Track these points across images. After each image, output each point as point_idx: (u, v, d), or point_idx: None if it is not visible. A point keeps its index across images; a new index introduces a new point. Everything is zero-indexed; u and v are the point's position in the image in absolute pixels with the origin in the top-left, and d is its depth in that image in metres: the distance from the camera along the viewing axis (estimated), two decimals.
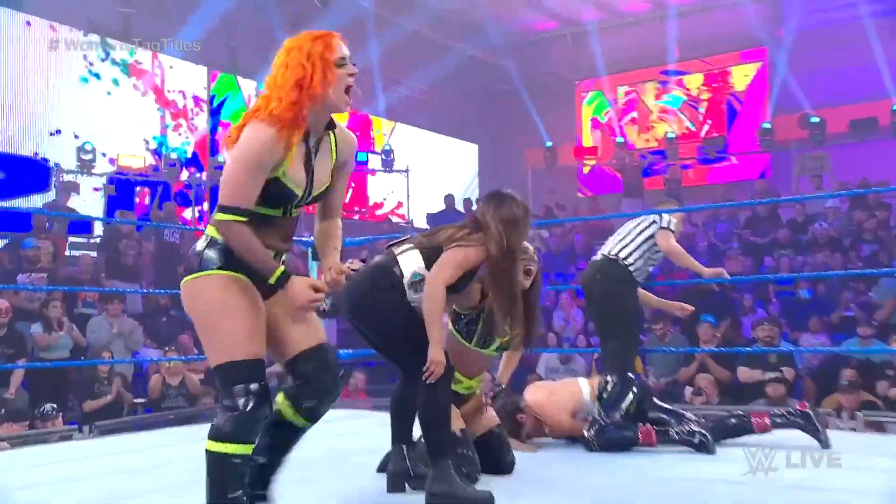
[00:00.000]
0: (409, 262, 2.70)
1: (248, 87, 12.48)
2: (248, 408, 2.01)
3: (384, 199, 13.90)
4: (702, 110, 14.11)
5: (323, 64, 2.05)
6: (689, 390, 6.22)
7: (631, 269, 4.05)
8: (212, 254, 2.07)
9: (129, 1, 10.63)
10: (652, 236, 4.13)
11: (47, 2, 9.52)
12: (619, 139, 13.80)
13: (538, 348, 7.67)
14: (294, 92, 2.04)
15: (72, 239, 9.37)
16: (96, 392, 6.23)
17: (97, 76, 10.45)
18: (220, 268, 2.06)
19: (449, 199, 11.96)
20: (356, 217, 13.53)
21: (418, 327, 2.61)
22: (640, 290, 4.19)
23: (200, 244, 2.10)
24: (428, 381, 2.56)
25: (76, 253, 9.05)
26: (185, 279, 2.09)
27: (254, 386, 2.02)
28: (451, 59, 13.18)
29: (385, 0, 12.21)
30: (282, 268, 2.04)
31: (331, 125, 2.18)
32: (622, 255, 4.09)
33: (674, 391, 6.36)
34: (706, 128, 14.04)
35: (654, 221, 4.18)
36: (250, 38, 11.96)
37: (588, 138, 14.92)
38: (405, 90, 14.18)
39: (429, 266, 2.67)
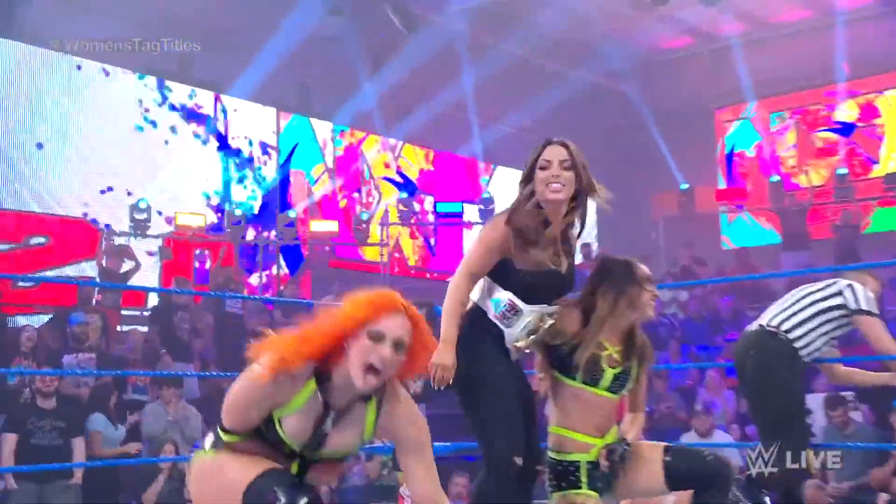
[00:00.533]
0: (476, 289, 2.77)
1: (323, 129, 12.80)
2: (301, 502, 2.11)
3: None
4: (882, 135, 13.57)
5: (354, 326, 2.18)
6: (882, 498, 5.82)
7: (797, 345, 3.90)
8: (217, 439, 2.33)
9: (188, 37, 11.13)
10: (835, 312, 3.95)
11: (100, 42, 10.08)
12: (775, 177, 13.43)
13: (673, 441, 7.41)
14: (314, 343, 2.21)
15: (125, 312, 9.70)
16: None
17: (153, 124, 10.95)
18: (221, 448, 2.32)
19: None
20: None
21: (499, 381, 2.64)
22: (840, 366, 4.10)
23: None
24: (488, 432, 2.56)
25: (128, 328, 9.35)
26: (195, 454, 2.38)
27: (292, 480, 2.16)
28: (562, 88, 13.19)
29: (483, 21, 12.38)
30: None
31: (380, 393, 2.29)
32: (788, 328, 3.93)
33: (861, 499, 5.98)
34: (890, 160, 13.47)
35: (840, 292, 3.96)
36: (325, 73, 12.32)
37: (733, 178, 14.66)
38: (507, 127, 14.27)
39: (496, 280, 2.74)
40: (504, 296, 2.72)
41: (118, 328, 9.27)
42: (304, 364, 2.20)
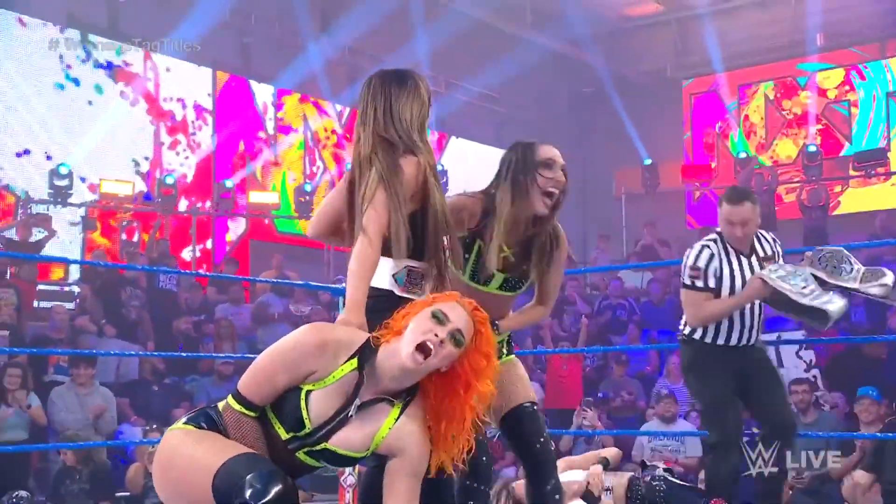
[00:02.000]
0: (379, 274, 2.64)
1: (263, 93, 12.56)
2: (273, 492, 2.05)
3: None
4: (855, 112, 13.69)
5: (421, 306, 2.27)
6: (846, 486, 5.90)
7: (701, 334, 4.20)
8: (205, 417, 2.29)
9: None
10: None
11: None
12: (741, 153, 13.44)
13: (631, 430, 7.40)
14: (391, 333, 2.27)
15: (41, 287, 9.44)
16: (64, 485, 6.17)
17: (76, 81, 10.63)
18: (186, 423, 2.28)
19: None
20: None
21: None
22: None
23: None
24: None
25: (46, 304, 9.11)
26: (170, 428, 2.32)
27: (272, 477, 2.08)
28: (522, 54, 13.07)
29: None
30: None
31: (406, 397, 2.30)
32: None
33: (823, 490, 6.04)
34: (863, 136, 13.60)
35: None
36: (268, 31, 12.07)
37: (699, 154, 14.72)
38: (463, 95, 14.17)
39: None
40: (400, 265, 2.60)
41: (35, 304, 9.04)
42: (355, 338, 2.26)
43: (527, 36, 13.37)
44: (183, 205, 11.47)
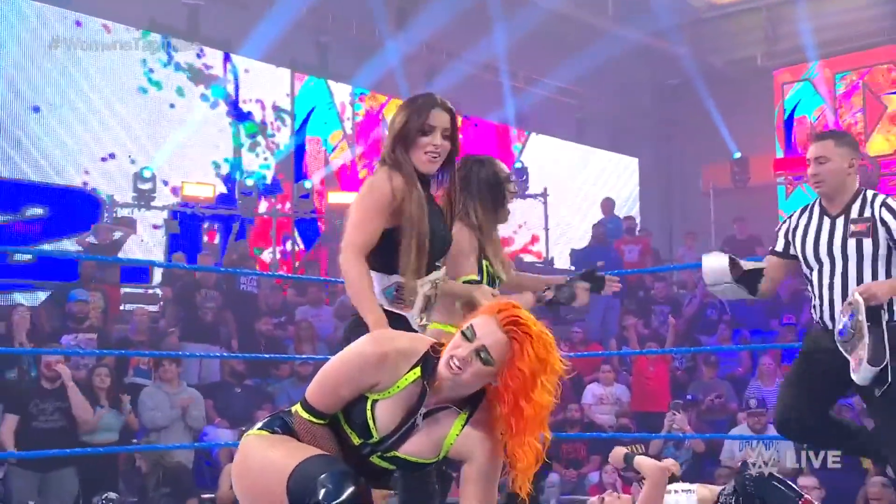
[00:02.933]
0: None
1: (341, 92, 12.75)
2: (346, 493, 2.09)
3: (515, 233, 13.84)
4: None
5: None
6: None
7: None
8: (279, 424, 2.35)
9: None
10: None
11: None
12: None
13: (721, 434, 7.31)
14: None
15: (125, 290, 9.76)
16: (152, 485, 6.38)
17: (158, 85, 10.96)
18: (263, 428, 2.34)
19: (600, 229, 11.73)
20: None
21: None
22: None
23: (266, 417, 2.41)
24: None
25: (131, 307, 9.40)
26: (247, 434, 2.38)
27: (345, 477, 2.12)
28: (604, 48, 13.01)
29: None
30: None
31: (472, 405, 2.33)
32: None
33: None
34: None
35: None
36: (344, 31, 12.25)
37: (792, 146, 14.52)
38: (542, 90, 14.16)
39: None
40: (391, 280, 2.76)
41: (122, 307, 9.34)
42: (417, 347, 2.30)
43: (608, 28, 13.30)
44: (263, 206, 11.69)
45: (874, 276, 3.43)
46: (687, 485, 4.00)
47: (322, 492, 2.08)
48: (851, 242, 3.48)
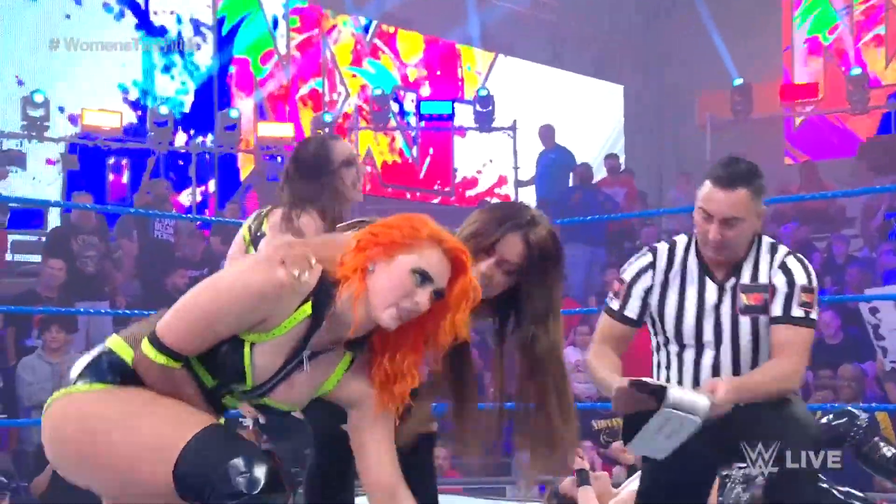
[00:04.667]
0: None
1: (273, 5, 12.55)
2: (261, 485, 2.08)
3: (479, 172, 13.80)
4: None
5: (395, 248, 2.20)
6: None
7: None
8: (102, 366, 2.22)
9: None
10: None
11: None
12: (856, 70, 13.20)
13: None
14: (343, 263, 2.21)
15: (15, 237, 9.60)
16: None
17: None
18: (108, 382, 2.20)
19: (582, 169, 11.62)
20: (437, 200, 13.38)
21: None
22: None
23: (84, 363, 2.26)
24: None
25: (23, 257, 9.24)
26: (48, 400, 2.24)
27: (255, 458, 2.10)
28: None
29: None
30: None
31: (358, 346, 2.31)
32: None
33: None
34: None
35: None
36: None
37: (802, 71, 14.56)
38: (512, 4, 14.05)
39: None
40: None
41: (8, 257, 9.31)
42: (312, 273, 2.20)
43: None
44: (180, 139, 11.54)
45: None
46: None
47: (240, 480, 2.07)
48: (744, 321, 3.00)
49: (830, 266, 9.66)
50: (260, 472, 2.07)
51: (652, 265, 3.08)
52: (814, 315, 2.98)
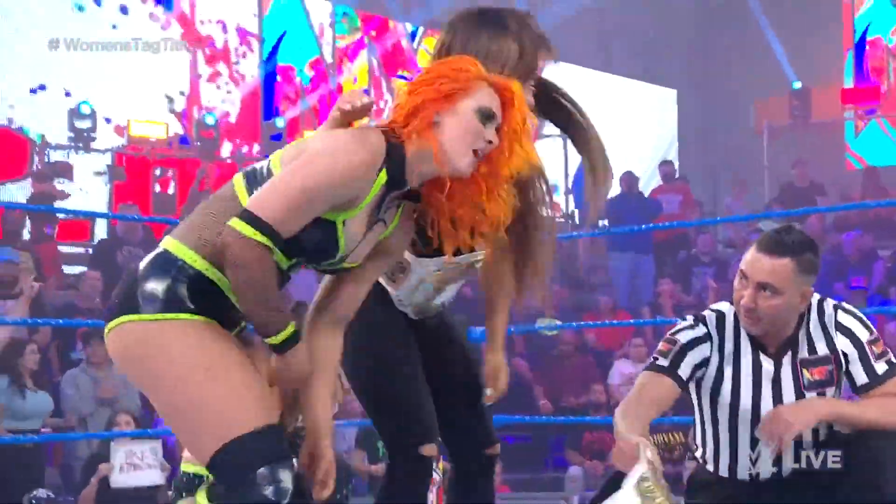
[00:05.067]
0: None
1: (320, 12, 12.69)
2: (284, 499, 2.14)
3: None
4: None
5: (458, 95, 2.27)
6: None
7: None
8: (179, 286, 2.20)
9: None
10: None
11: None
12: None
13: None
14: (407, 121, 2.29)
15: (65, 249, 9.78)
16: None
17: (97, 2, 10.90)
18: (186, 311, 2.19)
19: (628, 178, 11.63)
20: None
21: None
22: None
23: (157, 267, 2.22)
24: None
25: (70, 269, 9.41)
26: (128, 318, 2.19)
27: (282, 467, 2.16)
28: None
29: None
30: (292, 326, 2.22)
31: (413, 196, 2.40)
32: None
33: None
34: None
35: None
36: None
37: (865, 74, 14.49)
38: (560, 8, 14.08)
39: None
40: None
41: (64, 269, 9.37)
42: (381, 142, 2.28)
43: None
44: (226, 149, 11.68)
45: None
46: None
47: (270, 489, 2.14)
48: (811, 396, 2.87)
49: (895, 275, 9.65)
50: (285, 479, 2.16)
51: (709, 336, 2.94)
52: (894, 358, 2.88)
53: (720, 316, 2.97)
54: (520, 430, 7.79)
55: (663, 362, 2.92)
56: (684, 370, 2.92)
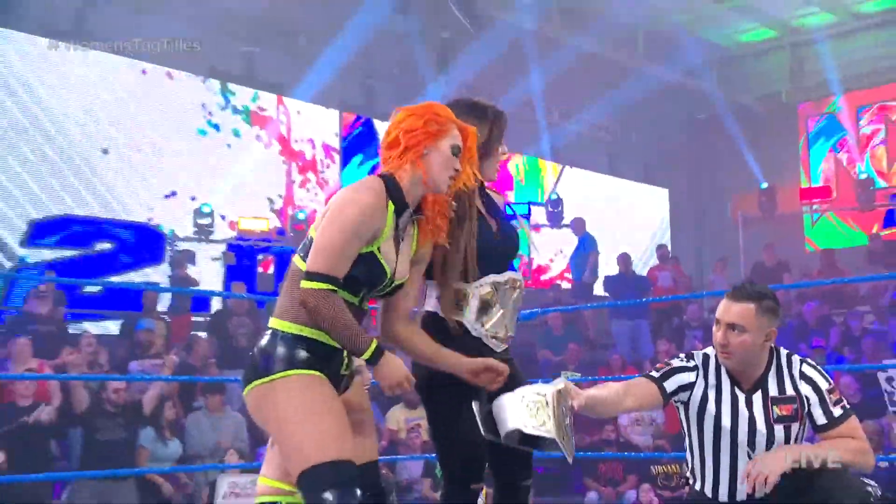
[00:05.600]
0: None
1: (381, 127, 12.85)
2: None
3: (551, 261, 13.82)
4: None
5: (436, 137, 2.46)
6: None
7: None
8: (283, 351, 2.31)
9: (253, 40, 11.35)
10: None
11: (165, 46, 10.30)
12: (862, 173, 13.07)
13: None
14: (402, 155, 2.44)
15: (195, 318, 9.88)
16: None
17: (216, 127, 11.16)
18: (293, 367, 2.30)
19: (623, 259, 11.65)
20: None
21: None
22: None
23: (267, 341, 2.35)
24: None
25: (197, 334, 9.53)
26: (254, 384, 2.32)
27: (347, 492, 2.20)
28: (635, 85, 13.06)
29: (553, 16, 12.35)
30: (375, 341, 2.28)
31: (418, 210, 2.51)
32: None
33: None
34: None
35: None
36: (389, 73, 12.41)
37: (817, 176, 14.38)
38: (576, 125, 14.19)
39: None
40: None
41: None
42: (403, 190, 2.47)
43: (639, 66, 13.34)
44: None
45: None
46: None
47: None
48: (778, 429, 2.84)
49: (848, 338, 9.53)
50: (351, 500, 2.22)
51: (697, 368, 2.93)
52: (847, 405, 2.88)
53: (706, 356, 2.98)
54: (548, 463, 7.75)
55: (654, 374, 2.95)
56: (670, 385, 2.92)
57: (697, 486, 2.97)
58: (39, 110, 9.71)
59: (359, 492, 2.23)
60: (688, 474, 3.03)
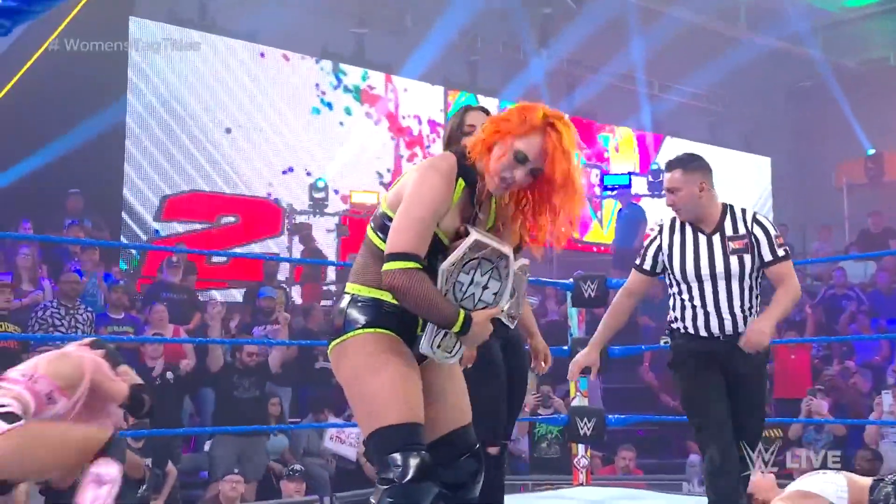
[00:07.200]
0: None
1: (490, 106, 12.80)
2: (406, 479, 2.12)
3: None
4: None
5: (506, 135, 2.25)
6: None
7: None
8: (355, 313, 2.27)
9: (363, 21, 11.50)
10: None
11: (281, 30, 10.55)
12: None
13: (860, 420, 6.98)
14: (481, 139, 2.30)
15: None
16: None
17: (329, 105, 11.36)
18: (363, 326, 2.25)
19: None
20: None
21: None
22: None
23: (344, 303, 2.31)
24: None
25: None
26: (332, 343, 2.30)
27: (411, 454, 2.14)
28: (737, 54, 12.69)
29: None
30: (462, 311, 2.18)
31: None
32: None
33: None
34: None
35: None
36: (493, 50, 12.39)
37: None
38: (677, 96, 13.95)
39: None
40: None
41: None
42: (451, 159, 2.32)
43: (742, 36, 12.97)
44: None
45: (752, 289, 3.30)
46: (835, 473, 3.78)
47: (397, 471, 2.14)
48: (733, 259, 3.27)
49: None
50: (412, 464, 2.13)
51: (660, 233, 3.40)
52: (787, 249, 3.35)
53: (672, 219, 3.41)
54: (650, 426, 7.70)
55: (636, 262, 3.47)
56: (647, 262, 3.44)
57: (681, 328, 3.36)
58: (169, 95, 10.08)
59: (415, 454, 2.15)
60: (674, 326, 3.39)
